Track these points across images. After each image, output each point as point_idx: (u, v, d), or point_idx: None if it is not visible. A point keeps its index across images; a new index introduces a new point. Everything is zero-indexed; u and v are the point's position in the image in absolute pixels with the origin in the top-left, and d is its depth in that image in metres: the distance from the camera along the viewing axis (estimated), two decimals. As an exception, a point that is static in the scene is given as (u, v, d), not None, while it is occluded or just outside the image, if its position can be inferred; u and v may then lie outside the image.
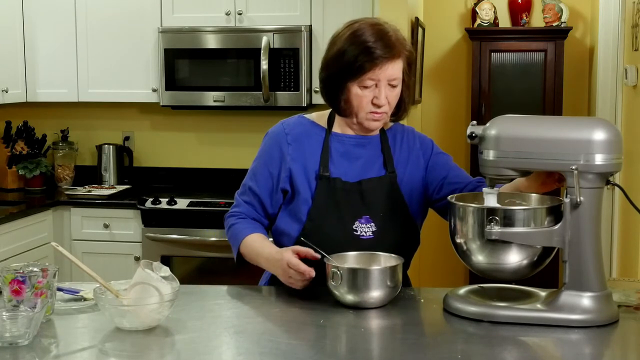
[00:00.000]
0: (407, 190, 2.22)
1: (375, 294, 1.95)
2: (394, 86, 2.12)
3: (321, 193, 2.16)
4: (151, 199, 4.17)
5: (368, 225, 2.16)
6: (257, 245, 2.17)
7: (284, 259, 2.02)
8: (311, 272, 1.99)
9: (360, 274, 1.96)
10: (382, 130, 2.25)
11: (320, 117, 2.27)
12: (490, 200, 1.91)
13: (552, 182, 2.00)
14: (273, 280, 2.28)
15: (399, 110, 2.22)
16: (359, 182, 2.18)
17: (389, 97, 2.12)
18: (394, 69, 2.10)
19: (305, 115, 2.28)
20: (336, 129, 2.23)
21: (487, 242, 1.87)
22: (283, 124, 2.25)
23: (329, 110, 2.27)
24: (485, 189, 1.93)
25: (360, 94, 2.11)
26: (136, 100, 4.54)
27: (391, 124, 2.28)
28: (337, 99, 2.16)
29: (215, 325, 1.90)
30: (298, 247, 2.05)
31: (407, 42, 2.16)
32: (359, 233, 2.15)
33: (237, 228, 2.23)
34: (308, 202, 2.17)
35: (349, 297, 1.96)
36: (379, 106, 2.11)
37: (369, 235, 2.15)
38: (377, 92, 2.10)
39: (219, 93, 4.30)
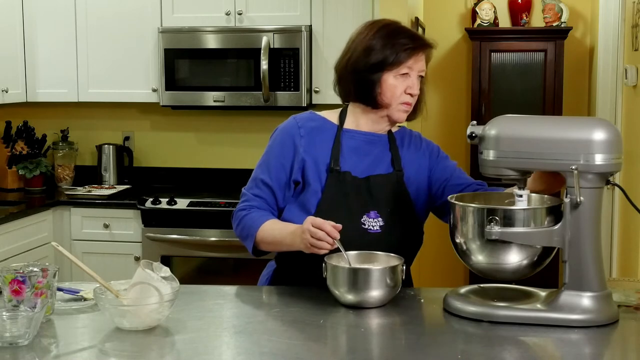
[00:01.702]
0: (413, 190, 2.26)
1: (375, 293, 1.95)
2: (422, 77, 2.21)
3: (331, 186, 2.18)
4: (151, 199, 4.17)
5: (376, 220, 2.18)
6: (280, 225, 2.17)
7: (307, 221, 2.02)
8: (336, 234, 1.99)
9: (361, 273, 1.96)
10: (390, 132, 2.29)
11: (330, 114, 2.30)
12: (521, 203, 1.90)
13: (559, 183, 1.98)
14: (274, 280, 2.29)
15: (418, 106, 2.26)
16: (367, 178, 2.20)
17: (418, 88, 2.21)
18: (424, 61, 2.21)
19: (316, 112, 2.31)
20: (348, 125, 2.26)
21: (487, 242, 1.87)
22: (295, 118, 2.28)
23: (340, 109, 2.30)
24: (515, 190, 1.92)
25: (395, 84, 2.17)
26: (136, 100, 4.53)
27: (398, 127, 2.32)
28: (372, 92, 2.19)
29: (215, 325, 1.90)
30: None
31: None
32: (366, 227, 2.17)
33: (251, 217, 2.21)
34: (317, 194, 2.18)
35: (349, 297, 1.96)
36: (412, 95, 2.19)
37: (377, 229, 2.17)
38: (410, 82, 2.18)
39: (219, 93, 4.30)
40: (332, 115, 2.29)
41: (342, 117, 2.28)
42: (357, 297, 1.95)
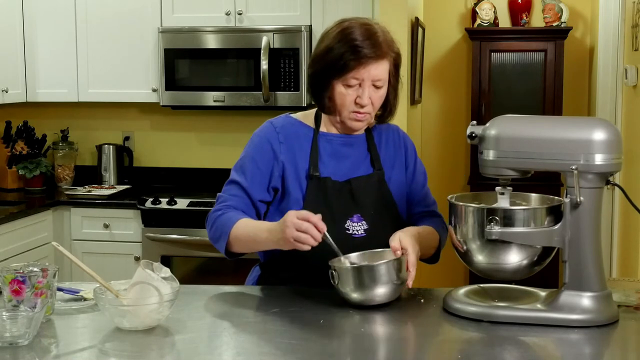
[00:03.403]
0: (395, 188, 2.23)
1: (382, 290, 1.94)
2: (378, 87, 2.12)
3: (312, 193, 2.15)
4: (151, 199, 4.17)
5: (360, 224, 2.16)
6: (255, 223, 2.12)
7: (290, 214, 1.94)
8: (323, 225, 1.92)
9: (365, 270, 1.95)
10: (367, 129, 2.25)
11: (306, 116, 2.26)
12: (503, 202, 1.90)
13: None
14: (261, 280, 2.27)
15: (385, 112, 2.22)
16: (348, 181, 2.18)
17: (373, 97, 2.12)
18: (379, 70, 2.09)
19: (291, 115, 2.28)
20: (323, 128, 2.23)
21: (487, 242, 1.87)
22: (272, 123, 2.25)
23: (315, 110, 2.26)
24: (498, 188, 1.92)
25: (343, 93, 2.11)
26: (136, 100, 4.54)
27: (375, 124, 2.27)
28: (322, 96, 2.16)
29: (215, 325, 1.90)
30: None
31: (395, 44, 2.15)
32: (351, 232, 2.15)
33: (226, 217, 2.15)
34: (299, 202, 2.15)
35: (355, 296, 1.95)
36: (361, 106, 2.11)
37: (361, 233, 2.15)
38: (360, 92, 2.10)
39: (219, 93, 4.30)
40: (308, 118, 2.25)
41: (318, 118, 2.23)
42: (363, 296, 1.94)
